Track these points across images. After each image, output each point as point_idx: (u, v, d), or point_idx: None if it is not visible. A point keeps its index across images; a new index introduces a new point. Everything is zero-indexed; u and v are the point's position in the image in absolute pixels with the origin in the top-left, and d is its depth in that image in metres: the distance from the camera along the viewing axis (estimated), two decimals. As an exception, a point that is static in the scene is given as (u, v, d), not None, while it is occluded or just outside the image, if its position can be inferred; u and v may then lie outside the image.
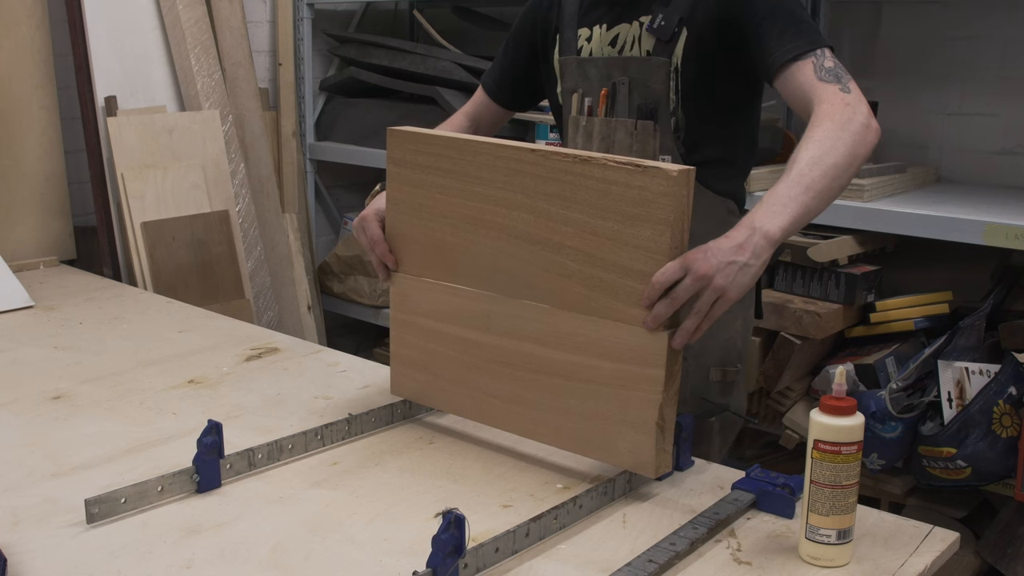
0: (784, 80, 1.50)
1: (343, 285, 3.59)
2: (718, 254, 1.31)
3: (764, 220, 1.33)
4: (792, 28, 1.50)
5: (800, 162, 1.36)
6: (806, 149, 1.37)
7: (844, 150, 1.38)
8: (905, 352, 2.51)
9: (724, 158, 1.67)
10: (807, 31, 1.51)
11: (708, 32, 1.57)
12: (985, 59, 2.73)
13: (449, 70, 3.17)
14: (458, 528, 1.13)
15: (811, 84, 1.46)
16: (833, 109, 1.41)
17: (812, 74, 1.46)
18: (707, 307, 1.31)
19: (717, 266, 1.30)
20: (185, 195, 2.93)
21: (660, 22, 1.60)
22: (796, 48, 1.48)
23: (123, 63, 2.98)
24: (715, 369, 1.71)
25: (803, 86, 1.47)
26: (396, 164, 1.60)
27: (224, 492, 1.44)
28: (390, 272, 1.65)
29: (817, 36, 1.51)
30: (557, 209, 1.41)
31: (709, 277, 1.30)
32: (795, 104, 1.50)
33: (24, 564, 1.25)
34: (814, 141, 1.38)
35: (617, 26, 1.67)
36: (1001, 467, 2.23)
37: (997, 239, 2.19)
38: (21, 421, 1.71)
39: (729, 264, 1.30)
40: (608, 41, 1.67)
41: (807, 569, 1.24)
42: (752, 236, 1.32)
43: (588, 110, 1.70)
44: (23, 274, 2.63)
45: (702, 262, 1.30)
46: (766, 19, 1.51)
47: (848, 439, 1.21)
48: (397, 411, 1.69)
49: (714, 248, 1.31)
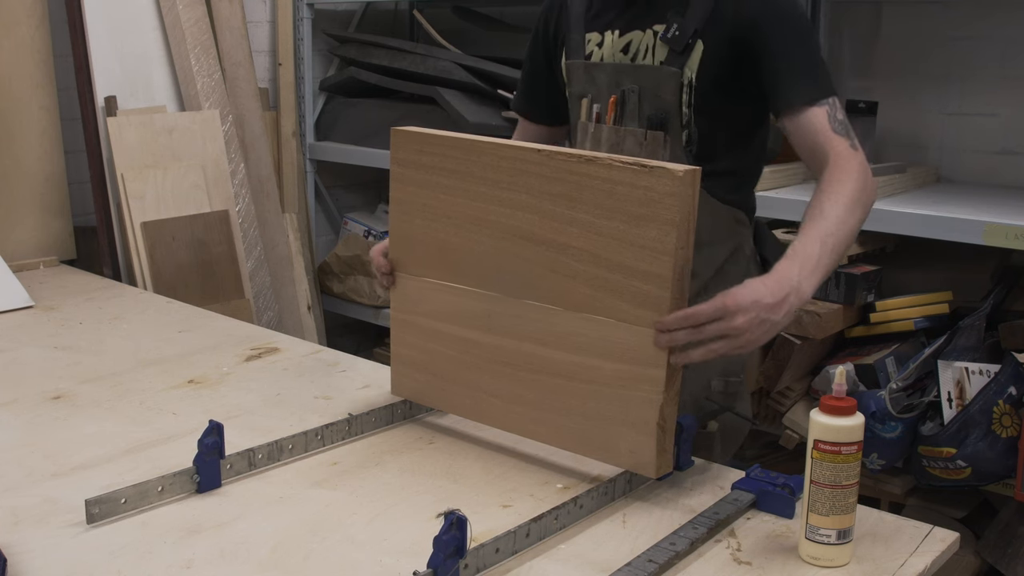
0: (795, 122, 1.52)
1: (343, 285, 3.59)
2: (758, 309, 1.30)
3: (803, 280, 1.34)
4: (808, 71, 1.52)
5: (829, 219, 1.39)
6: (834, 205, 1.40)
7: (861, 215, 1.43)
8: (905, 352, 2.51)
9: (735, 169, 1.67)
10: (822, 76, 1.53)
11: (723, 51, 1.56)
12: (985, 59, 2.73)
13: (449, 70, 3.17)
14: (460, 529, 1.14)
15: (826, 135, 1.48)
16: (851, 167, 1.44)
17: (826, 124, 1.49)
18: (724, 351, 1.32)
19: (753, 321, 1.30)
20: (185, 195, 2.93)
21: (675, 32, 1.58)
22: (810, 94, 1.50)
23: (123, 63, 2.98)
24: (717, 379, 1.72)
25: (817, 135, 1.49)
26: (400, 164, 1.60)
27: (224, 492, 1.44)
28: (391, 278, 1.65)
29: (829, 82, 1.53)
30: (562, 209, 1.41)
31: (742, 331, 1.30)
32: (802, 146, 1.52)
33: (24, 564, 1.25)
34: (841, 199, 1.41)
35: (630, 32, 1.65)
36: (1001, 467, 2.23)
37: (997, 239, 2.19)
38: (21, 421, 1.71)
39: (763, 321, 1.31)
40: (620, 47, 1.66)
41: (807, 569, 1.24)
42: (790, 296, 1.33)
43: (597, 117, 1.69)
44: (23, 274, 2.63)
45: (741, 316, 1.29)
46: (782, 56, 1.52)
47: (848, 439, 1.21)
48: (397, 411, 1.69)
49: (756, 300, 1.30)
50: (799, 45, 1.54)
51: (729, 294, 1.31)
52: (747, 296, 1.31)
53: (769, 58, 1.53)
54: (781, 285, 1.33)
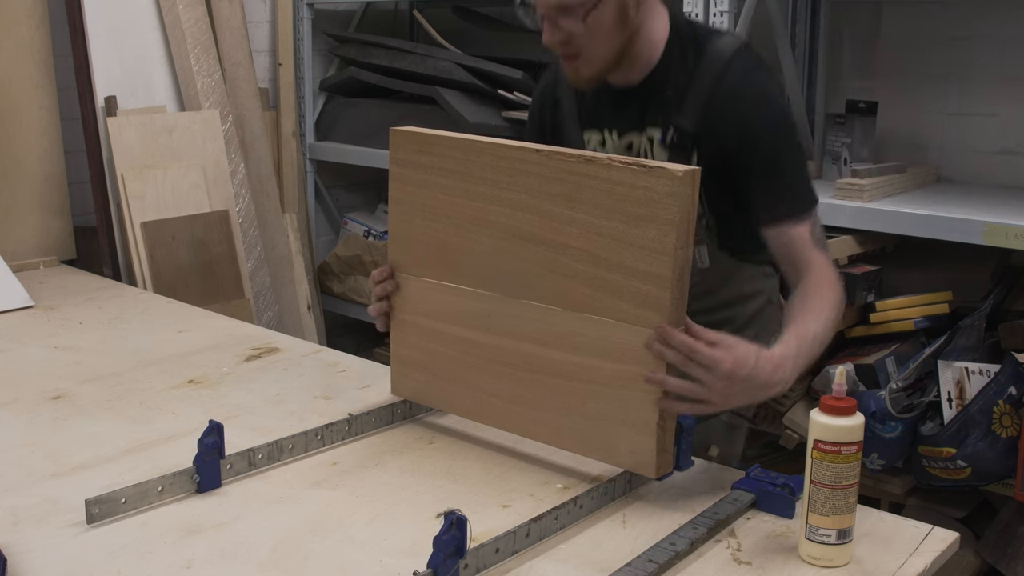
0: (779, 234, 1.56)
1: (343, 285, 3.59)
2: (746, 384, 1.32)
3: (793, 373, 1.38)
4: (792, 187, 1.57)
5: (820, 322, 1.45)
6: (820, 312, 1.46)
7: (833, 325, 1.49)
8: (905, 352, 2.51)
9: (753, 232, 1.67)
10: (804, 191, 1.58)
11: (714, 160, 1.57)
12: (985, 59, 2.73)
13: (449, 70, 3.17)
14: (460, 529, 1.14)
15: (808, 251, 1.54)
16: (833, 279, 1.52)
17: (808, 240, 1.55)
18: (693, 392, 1.33)
19: (734, 390, 1.32)
20: (185, 195, 2.93)
21: (673, 138, 1.60)
22: (794, 211, 1.56)
23: (123, 63, 2.97)
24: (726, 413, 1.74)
25: (800, 250, 1.55)
26: (399, 164, 1.60)
27: (224, 492, 1.44)
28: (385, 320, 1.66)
29: (811, 196, 1.59)
30: (561, 209, 1.41)
31: (718, 393, 1.31)
32: (782, 255, 1.57)
33: (24, 564, 1.25)
34: (825, 307, 1.47)
35: (628, 134, 1.67)
36: (1001, 467, 2.22)
37: (997, 239, 2.19)
38: (21, 421, 1.71)
39: (741, 394, 1.34)
40: (622, 148, 1.67)
41: (807, 569, 1.24)
42: (778, 386, 1.36)
43: None
44: (23, 274, 2.63)
45: (726, 383, 1.31)
46: (767, 172, 1.56)
47: (848, 439, 1.21)
48: (397, 411, 1.69)
49: (749, 377, 1.32)
50: (785, 159, 1.58)
51: (735, 357, 1.31)
52: (744, 368, 1.31)
53: (754, 172, 1.57)
54: (776, 374, 1.35)
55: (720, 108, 1.56)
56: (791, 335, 1.41)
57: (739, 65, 1.57)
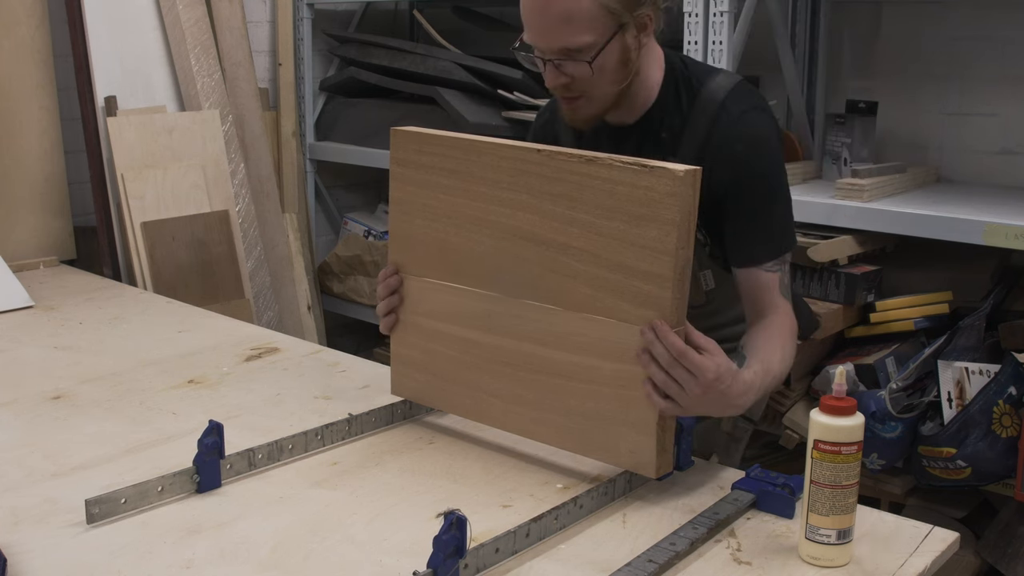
0: (748, 276, 1.60)
1: (343, 285, 3.59)
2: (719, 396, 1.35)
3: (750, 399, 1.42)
4: (771, 235, 1.61)
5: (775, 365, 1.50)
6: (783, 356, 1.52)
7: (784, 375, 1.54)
8: (905, 352, 2.51)
9: None
10: (780, 239, 1.62)
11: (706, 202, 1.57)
12: (985, 59, 2.73)
13: (449, 70, 3.17)
14: (460, 529, 1.14)
15: (773, 298, 1.60)
16: (793, 328, 1.59)
17: (776, 288, 1.60)
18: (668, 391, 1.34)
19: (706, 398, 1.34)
20: (185, 195, 2.93)
21: None
22: (767, 258, 1.59)
23: (123, 63, 2.97)
24: (727, 420, 1.76)
25: (766, 295, 1.60)
26: (399, 164, 1.60)
27: (224, 492, 1.44)
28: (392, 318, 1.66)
29: (789, 242, 1.63)
30: (562, 209, 1.41)
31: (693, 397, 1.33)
32: (748, 296, 1.61)
33: (24, 564, 1.25)
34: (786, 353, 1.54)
35: None
36: (1001, 467, 2.22)
37: (997, 239, 2.19)
38: (21, 421, 1.71)
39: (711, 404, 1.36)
40: None
41: (807, 569, 1.24)
42: (739, 406, 1.40)
43: None
44: (23, 274, 2.63)
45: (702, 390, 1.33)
46: (749, 218, 1.59)
47: (848, 439, 1.21)
48: (397, 411, 1.69)
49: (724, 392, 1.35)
50: (771, 204, 1.60)
51: (718, 370, 1.33)
52: (722, 383, 1.34)
53: (740, 214, 1.59)
54: (743, 397, 1.39)
55: (715, 151, 1.57)
56: (758, 365, 1.45)
57: (734, 108, 1.58)
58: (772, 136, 1.61)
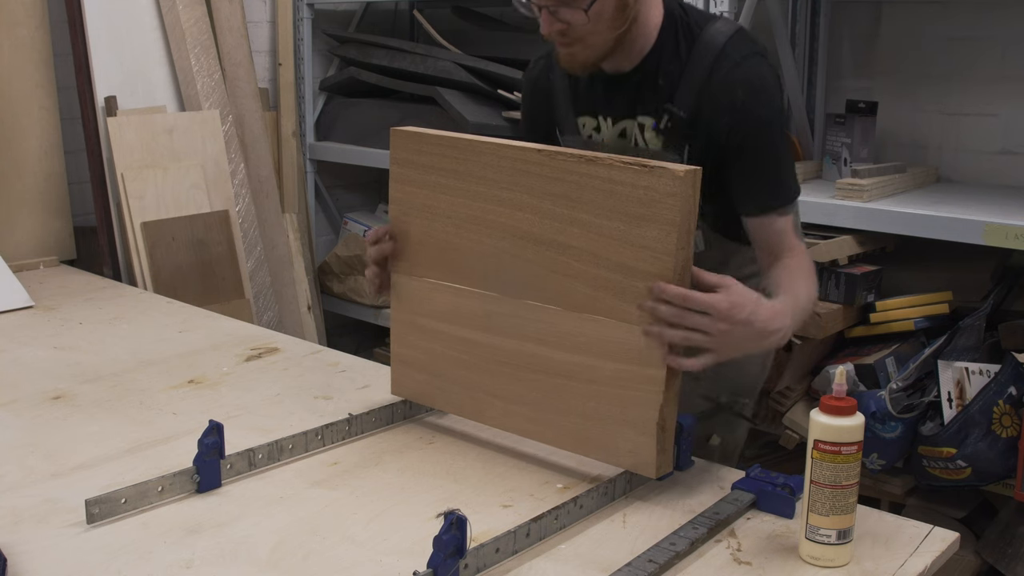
0: (762, 224, 1.59)
1: (343, 285, 3.59)
2: (746, 327, 1.34)
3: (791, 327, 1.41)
4: (778, 179, 1.59)
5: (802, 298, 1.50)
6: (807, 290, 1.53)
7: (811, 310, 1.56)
8: (905, 352, 2.51)
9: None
10: (787, 184, 1.60)
11: (702, 151, 1.58)
12: (985, 59, 2.73)
13: (449, 70, 3.17)
14: (460, 529, 1.14)
15: (788, 239, 1.59)
16: (811, 270, 1.58)
17: (788, 230, 1.59)
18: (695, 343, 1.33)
19: (735, 334, 1.33)
20: (185, 195, 2.93)
21: (667, 124, 1.59)
22: (778, 204, 1.58)
23: (123, 63, 2.97)
24: (725, 394, 1.74)
25: (781, 239, 1.59)
26: (399, 164, 1.60)
27: (224, 492, 1.44)
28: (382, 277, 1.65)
29: (796, 187, 1.62)
30: (562, 209, 1.41)
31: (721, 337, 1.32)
32: (762, 241, 1.60)
33: (24, 564, 1.25)
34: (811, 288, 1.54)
35: (622, 121, 1.66)
36: (1001, 467, 2.22)
37: (997, 239, 2.19)
38: (21, 421, 1.71)
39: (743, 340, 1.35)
40: (616, 134, 1.67)
41: (807, 569, 1.24)
42: (776, 335, 1.39)
43: None
44: (23, 274, 2.63)
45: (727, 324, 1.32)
46: (754, 165, 1.58)
47: (848, 439, 1.21)
48: (397, 411, 1.69)
49: (749, 320, 1.34)
50: (774, 150, 1.59)
51: (732, 300, 1.32)
52: (743, 311, 1.33)
53: (742, 165, 1.58)
54: (774, 321, 1.38)
55: (714, 97, 1.55)
56: (783, 294, 1.45)
57: (734, 53, 1.56)
58: (773, 82, 1.59)
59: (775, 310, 1.38)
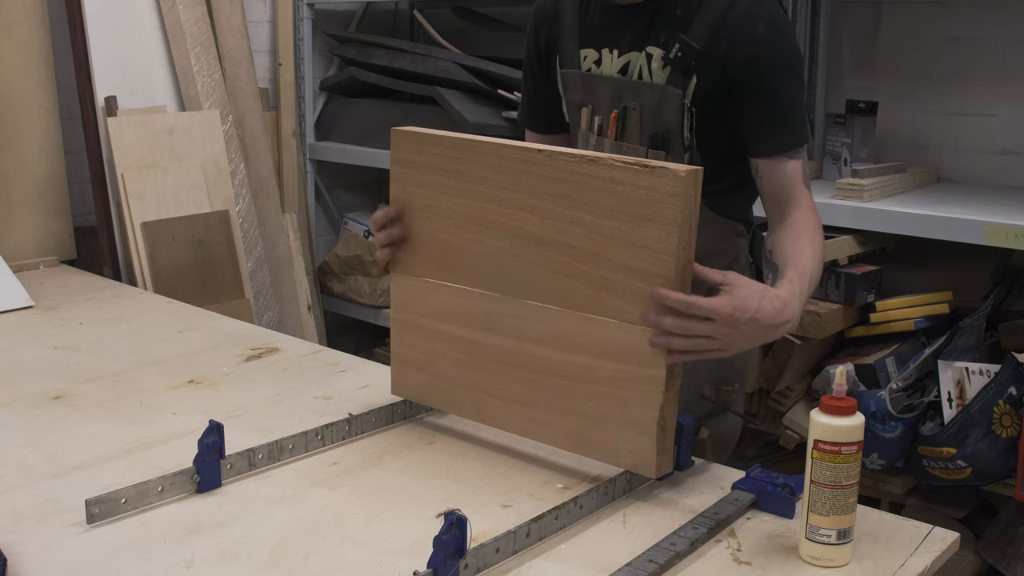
0: (773, 165, 1.56)
1: (343, 285, 3.59)
2: (752, 325, 1.33)
3: (798, 311, 1.40)
4: (790, 118, 1.56)
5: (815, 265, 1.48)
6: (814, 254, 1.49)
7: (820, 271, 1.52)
8: (905, 352, 2.51)
9: (735, 184, 1.67)
10: (800, 124, 1.57)
11: (715, 84, 1.55)
12: (985, 59, 2.73)
13: (449, 70, 3.17)
14: (460, 529, 1.14)
15: (798, 187, 1.56)
16: (817, 221, 1.55)
17: (800, 176, 1.56)
18: (704, 348, 1.33)
19: (742, 334, 1.32)
20: (185, 195, 2.93)
21: (677, 52, 1.57)
22: (790, 145, 1.56)
23: (123, 63, 2.97)
24: (709, 386, 1.72)
25: (790, 184, 1.56)
26: (399, 164, 1.60)
27: (224, 492, 1.44)
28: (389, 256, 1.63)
29: (808, 131, 1.59)
30: (563, 209, 1.41)
31: (727, 340, 1.32)
32: (771, 189, 1.57)
33: (24, 564, 1.25)
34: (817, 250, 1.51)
35: (628, 54, 1.63)
36: (1001, 467, 2.23)
37: (997, 239, 2.19)
38: (21, 421, 1.71)
39: (750, 337, 1.34)
40: (618, 68, 1.64)
41: (807, 569, 1.24)
42: (786, 325, 1.37)
43: (599, 128, 1.68)
44: (23, 274, 2.63)
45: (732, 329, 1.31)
46: (768, 101, 1.55)
47: (848, 439, 1.21)
48: (397, 411, 1.69)
49: (754, 319, 1.33)
50: (789, 90, 1.56)
51: (734, 303, 1.31)
52: (747, 312, 1.32)
53: (755, 100, 1.55)
54: (782, 312, 1.36)
55: (731, 31, 1.53)
56: (792, 272, 1.43)
57: None
58: (788, 26, 1.57)
59: (781, 301, 1.36)
